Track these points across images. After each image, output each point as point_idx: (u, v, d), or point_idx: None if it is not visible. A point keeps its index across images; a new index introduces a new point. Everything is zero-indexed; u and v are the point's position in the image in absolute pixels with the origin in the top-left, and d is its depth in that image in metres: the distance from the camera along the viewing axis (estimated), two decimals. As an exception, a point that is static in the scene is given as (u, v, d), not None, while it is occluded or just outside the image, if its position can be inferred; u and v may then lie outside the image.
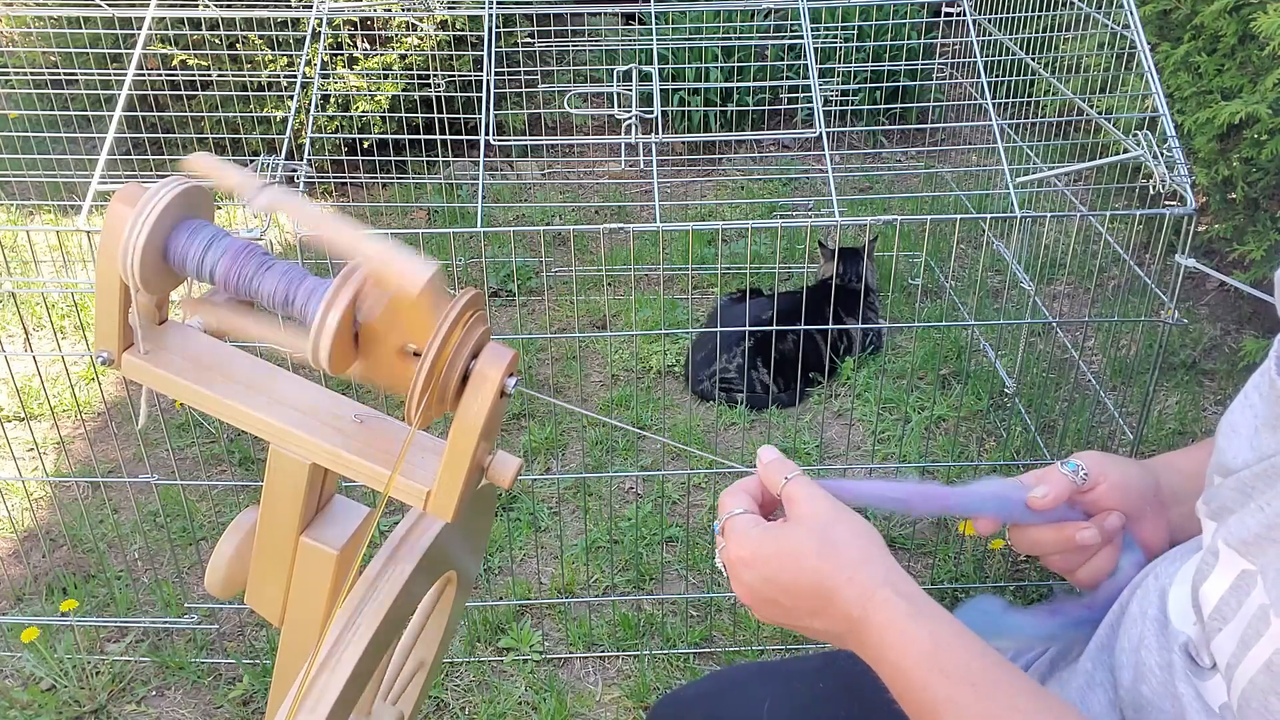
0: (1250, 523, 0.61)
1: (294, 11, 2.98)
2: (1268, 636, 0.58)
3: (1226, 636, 0.61)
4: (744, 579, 0.71)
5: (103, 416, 2.51)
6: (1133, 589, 0.76)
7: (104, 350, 0.69)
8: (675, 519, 2.14)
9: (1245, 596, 0.60)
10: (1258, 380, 0.67)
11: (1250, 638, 0.59)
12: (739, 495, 0.74)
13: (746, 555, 0.70)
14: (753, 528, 0.71)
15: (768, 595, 0.70)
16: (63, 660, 1.79)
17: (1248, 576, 0.61)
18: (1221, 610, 0.62)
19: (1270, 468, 0.62)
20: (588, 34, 3.18)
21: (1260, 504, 0.61)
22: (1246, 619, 0.60)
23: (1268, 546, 0.60)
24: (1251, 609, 0.60)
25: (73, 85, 3.05)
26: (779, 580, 0.69)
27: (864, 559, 0.68)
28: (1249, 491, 0.63)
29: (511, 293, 2.94)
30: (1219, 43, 2.37)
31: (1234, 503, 0.64)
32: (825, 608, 0.68)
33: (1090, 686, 0.75)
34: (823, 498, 0.71)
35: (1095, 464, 0.79)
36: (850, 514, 0.70)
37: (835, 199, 1.67)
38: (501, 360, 0.65)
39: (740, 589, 0.72)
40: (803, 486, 0.72)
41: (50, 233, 3.01)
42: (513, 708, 1.74)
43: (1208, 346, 2.67)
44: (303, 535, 0.73)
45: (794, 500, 0.71)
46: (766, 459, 0.75)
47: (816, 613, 0.68)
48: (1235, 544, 0.62)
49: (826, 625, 0.69)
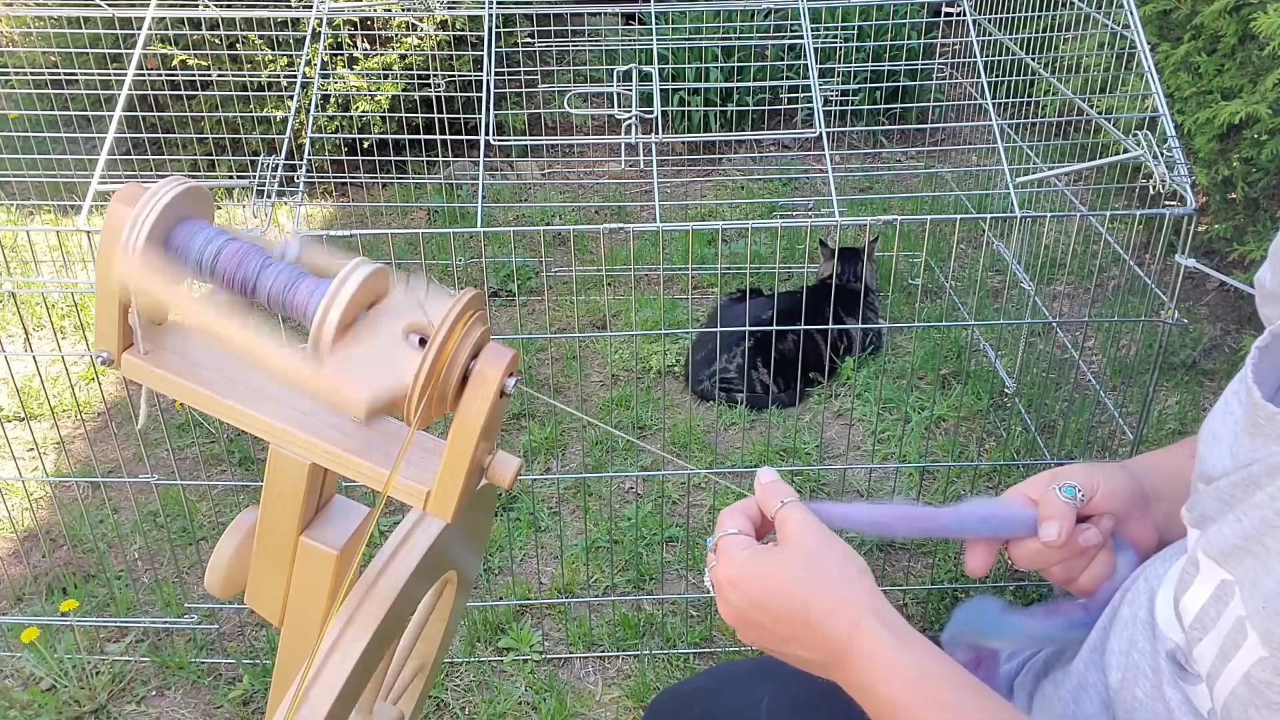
0: (1228, 533, 0.61)
1: (294, 11, 2.98)
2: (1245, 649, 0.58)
3: (1207, 647, 0.61)
4: (730, 599, 0.71)
5: (103, 416, 2.51)
6: (1123, 592, 0.76)
7: (104, 350, 0.69)
8: (675, 519, 2.14)
9: (1224, 607, 0.60)
10: (1236, 387, 0.67)
11: (1229, 649, 0.59)
12: (736, 515, 0.74)
13: (734, 576, 0.70)
14: (743, 549, 0.71)
15: (753, 618, 0.70)
16: (63, 660, 1.79)
17: (1226, 587, 0.61)
18: (1201, 620, 0.62)
19: (1248, 476, 0.62)
20: (588, 34, 3.17)
21: (1239, 514, 0.61)
22: (1226, 630, 0.60)
23: (1245, 558, 0.59)
24: (1230, 620, 0.60)
25: (73, 85, 3.05)
26: (764, 604, 0.69)
27: (850, 589, 0.68)
28: (1228, 500, 0.63)
29: (511, 293, 2.95)
30: (1219, 43, 2.37)
31: (1214, 511, 0.64)
32: (809, 636, 0.68)
33: (1083, 688, 0.75)
34: (813, 525, 0.71)
35: (1086, 479, 0.79)
36: (839, 543, 0.70)
37: (835, 199, 1.67)
38: (501, 360, 0.65)
39: (726, 609, 0.72)
40: (795, 511, 0.72)
41: (50, 233, 3.01)
42: (513, 708, 1.74)
43: (1208, 346, 2.67)
44: (302, 535, 0.73)
45: (785, 525, 0.71)
46: (764, 480, 0.75)
47: (800, 640, 0.69)
48: (1214, 554, 0.62)
49: (809, 654, 0.69)
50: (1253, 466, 0.61)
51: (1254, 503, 0.60)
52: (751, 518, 0.74)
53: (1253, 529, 0.59)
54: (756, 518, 0.75)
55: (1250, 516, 0.60)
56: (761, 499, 0.74)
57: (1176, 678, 0.66)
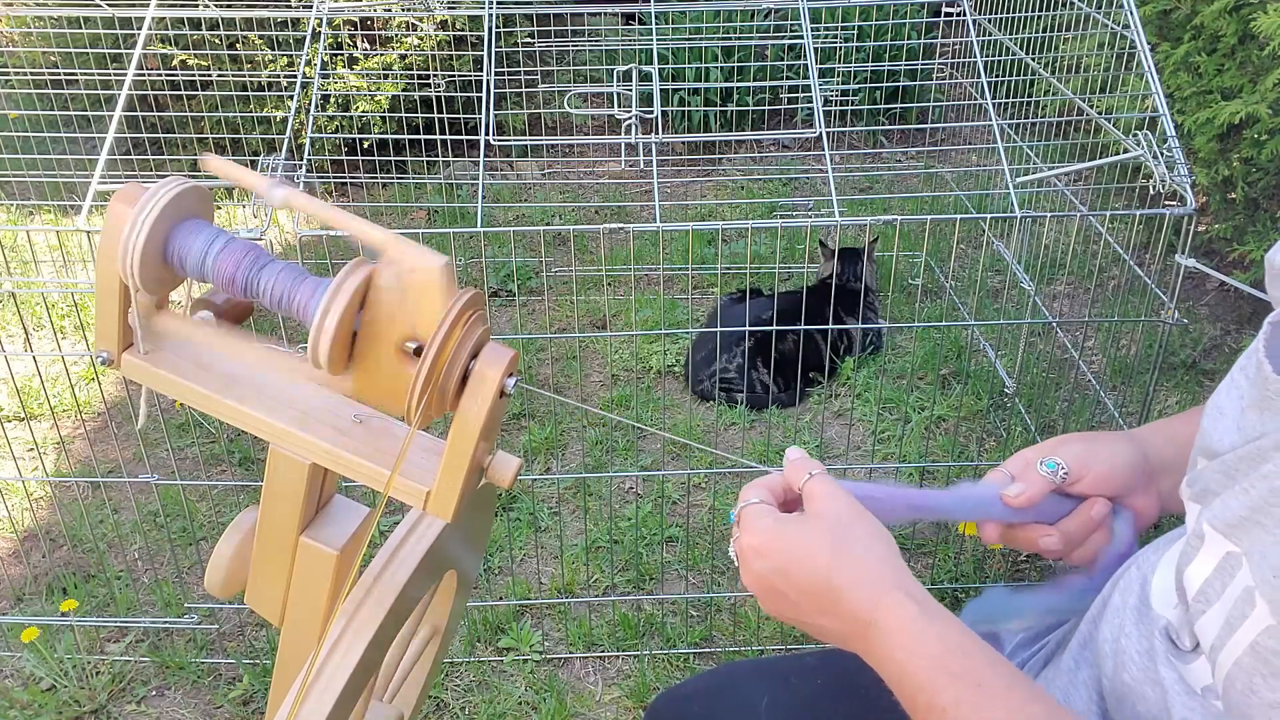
0: (1235, 505, 0.61)
1: (294, 11, 2.98)
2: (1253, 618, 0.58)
3: (1211, 619, 0.62)
4: (754, 568, 0.71)
5: (103, 416, 2.51)
6: (1114, 581, 0.76)
7: (104, 350, 0.69)
8: (675, 519, 2.14)
9: (1230, 579, 0.60)
10: (1244, 362, 0.67)
11: (1236, 619, 0.59)
12: (759, 488, 0.74)
13: (759, 544, 0.70)
14: (767, 517, 0.71)
15: (777, 587, 0.70)
16: (63, 660, 1.79)
17: (1232, 558, 0.61)
18: (1205, 592, 0.62)
19: (1255, 450, 0.62)
20: (588, 34, 3.18)
21: (1245, 486, 0.61)
22: (1232, 601, 0.60)
23: (1252, 528, 0.59)
24: (1237, 591, 0.60)
25: (73, 85, 3.05)
26: (789, 573, 0.69)
27: (877, 561, 0.68)
28: (1233, 474, 0.63)
29: (511, 293, 2.95)
30: (1219, 43, 2.37)
31: (1218, 485, 0.64)
32: (833, 606, 0.68)
33: (1073, 684, 0.76)
34: (843, 497, 0.71)
35: (1077, 460, 0.79)
36: (869, 517, 0.70)
37: (835, 199, 1.67)
38: (501, 360, 0.65)
39: (749, 578, 0.71)
40: (824, 484, 0.72)
41: (50, 233, 3.01)
42: (513, 708, 1.74)
43: (1208, 346, 2.67)
44: (302, 535, 0.73)
45: (813, 497, 0.71)
46: (793, 457, 0.75)
47: (824, 610, 0.68)
48: (1220, 526, 0.62)
49: (832, 624, 0.69)
50: (1261, 440, 0.61)
51: (1261, 474, 0.60)
52: (775, 492, 0.74)
53: (1261, 500, 0.59)
54: (780, 494, 0.75)
55: (1258, 488, 0.60)
56: (789, 472, 0.74)
57: (1170, 656, 0.66)
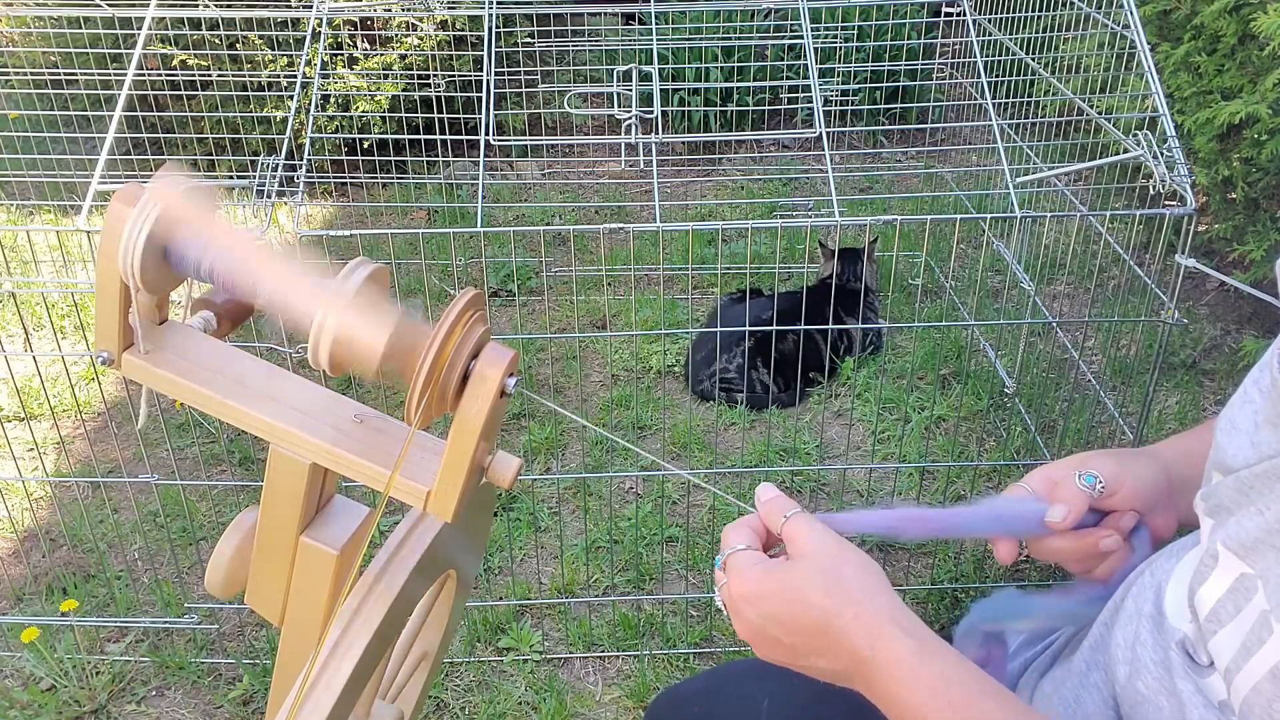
0: (1249, 525, 0.61)
1: (294, 11, 2.98)
2: (1270, 643, 0.57)
3: (1225, 640, 0.61)
4: (746, 616, 0.70)
5: (103, 416, 2.51)
6: (1127, 586, 0.76)
7: (104, 350, 0.69)
8: (675, 519, 2.14)
9: (1245, 601, 0.60)
10: (1257, 376, 0.66)
11: (1252, 644, 0.59)
12: (742, 530, 0.73)
13: (749, 592, 0.70)
14: (755, 564, 0.71)
15: (770, 633, 0.69)
16: (63, 660, 1.79)
17: (1247, 580, 0.60)
18: (1218, 613, 0.62)
19: (1270, 468, 0.61)
20: (588, 34, 3.18)
21: (1260, 506, 0.60)
22: (1248, 624, 0.59)
23: (1267, 551, 0.59)
24: (1253, 614, 0.59)
25: (73, 85, 3.05)
26: (782, 618, 0.68)
27: (869, 596, 0.67)
28: (1248, 492, 0.62)
29: (511, 293, 2.95)
30: (1219, 43, 2.37)
31: (1232, 502, 0.63)
32: (830, 646, 0.67)
33: (1084, 686, 0.75)
34: (825, 534, 0.70)
35: (1111, 472, 0.78)
36: (854, 550, 0.70)
37: (835, 199, 1.67)
38: (501, 360, 0.65)
39: (742, 626, 0.71)
40: (803, 523, 0.71)
41: (50, 233, 3.01)
42: (513, 708, 1.74)
43: (1208, 346, 2.67)
44: (303, 535, 0.73)
45: (795, 538, 0.71)
46: (765, 497, 0.74)
47: (821, 651, 0.68)
48: (1234, 547, 0.62)
49: (830, 664, 0.68)
50: (1276, 459, 0.61)
51: (1276, 495, 0.59)
52: (756, 531, 0.74)
53: (1276, 522, 0.59)
54: (761, 532, 0.74)
55: (1272, 510, 0.59)
56: (765, 515, 0.73)
57: (1188, 669, 0.65)
